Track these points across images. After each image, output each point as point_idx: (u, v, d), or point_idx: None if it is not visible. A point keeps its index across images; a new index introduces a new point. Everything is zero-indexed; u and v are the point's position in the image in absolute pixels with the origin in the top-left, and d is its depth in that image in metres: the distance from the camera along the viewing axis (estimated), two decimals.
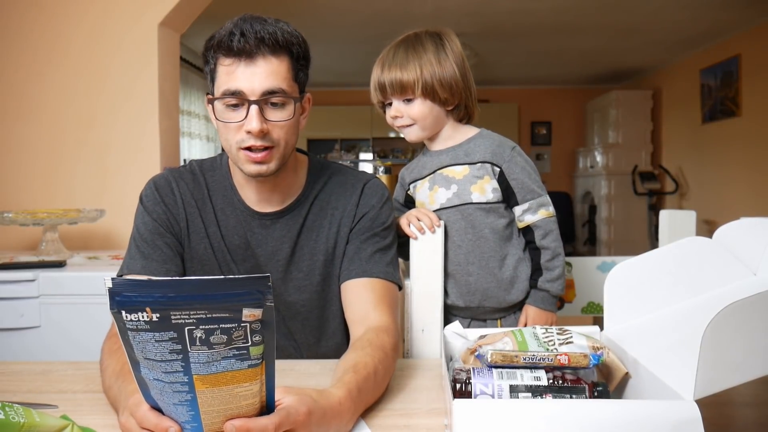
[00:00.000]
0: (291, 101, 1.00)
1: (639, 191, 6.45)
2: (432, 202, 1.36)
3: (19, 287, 1.83)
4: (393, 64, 1.30)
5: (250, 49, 0.96)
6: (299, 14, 4.64)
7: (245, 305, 0.59)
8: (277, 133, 1.01)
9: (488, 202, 1.32)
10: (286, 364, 1.07)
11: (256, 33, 0.96)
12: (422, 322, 1.21)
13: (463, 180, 1.33)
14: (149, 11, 2.38)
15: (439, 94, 1.29)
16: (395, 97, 1.31)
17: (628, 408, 0.63)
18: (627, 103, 6.69)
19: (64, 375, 1.02)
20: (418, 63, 1.28)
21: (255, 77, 0.97)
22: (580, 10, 4.50)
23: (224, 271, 1.11)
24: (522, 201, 1.32)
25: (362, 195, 1.14)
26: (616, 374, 0.80)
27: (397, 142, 8.34)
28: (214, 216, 1.12)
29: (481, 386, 0.73)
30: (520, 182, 1.32)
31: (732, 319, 0.62)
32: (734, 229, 0.86)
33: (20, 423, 0.63)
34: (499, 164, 1.32)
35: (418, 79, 1.27)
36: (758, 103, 4.89)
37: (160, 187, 1.13)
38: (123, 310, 0.57)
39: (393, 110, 1.33)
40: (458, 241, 1.33)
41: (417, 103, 1.30)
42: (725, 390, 0.64)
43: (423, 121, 1.32)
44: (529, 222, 1.33)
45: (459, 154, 1.35)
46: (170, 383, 0.62)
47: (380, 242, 1.11)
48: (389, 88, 1.30)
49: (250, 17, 0.99)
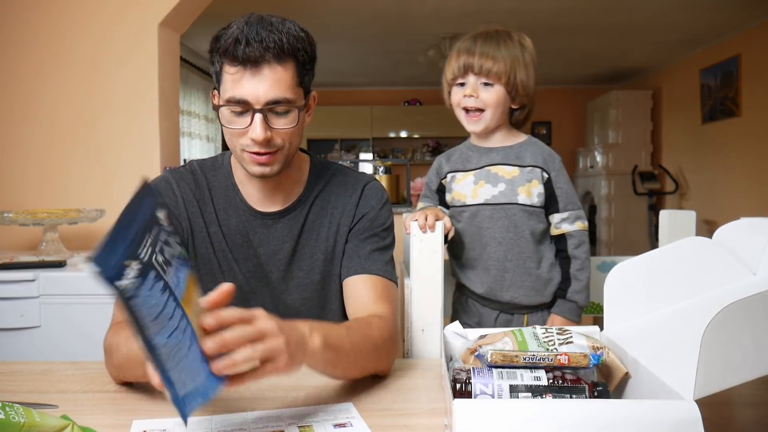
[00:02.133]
0: (295, 109, 1.00)
1: (639, 191, 6.45)
2: (475, 196, 1.38)
3: (19, 287, 1.83)
4: (485, 48, 1.32)
5: (255, 57, 0.96)
6: (299, 14, 4.63)
7: (157, 209, 0.64)
8: (281, 137, 1.01)
9: (532, 205, 1.36)
10: None
11: (261, 41, 0.95)
12: (422, 322, 1.21)
13: (512, 180, 1.37)
14: (149, 11, 2.38)
15: (518, 89, 1.33)
16: (477, 77, 1.33)
17: (628, 408, 0.63)
18: (627, 103, 6.69)
19: (64, 375, 1.02)
20: (509, 55, 1.32)
21: (260, 87, 0.97)
22: (580, 11, 4.50)
23: (225, 271, 1.11)
24: (563, 209, 1.38)
25: (362, 196, 1.14)
26: (616, 374, 0.80)
27: (397, 142, 8.34)
28: (215, 215, 1.12)
29: (481, 386, 0.74)
30: (565, 192, 1.38)
31: (732, 319, 0.62)
32: (734, 229, 0.86)
33: (20, 423, 0.63)
34: (548, 171, 1.38)
35: (506, 69, 1.31)
36: (758, 103, 4.89)
37: (161, 189, 1.12)
38: (116, 280, 0.58)
39: (469, 88, 1.34)
40: (499, 238, 1.37)
41: (495, 90, 1.33)
42: (725, 390, 0.64)
43: (495, 108, 1.34)
44: (566, 231, 1.39)
45: (510, 155, 1.39)
46: (180, 330, 0.63)
47: (379, 242, 1.12)
48: (476, 65, 1.32)
49: (257, 20, 0.98)
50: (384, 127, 8.15)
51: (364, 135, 8.13)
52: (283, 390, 0.93)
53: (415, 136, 8.20)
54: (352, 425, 0.80)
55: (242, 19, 0.99)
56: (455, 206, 1.43)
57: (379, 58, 6.30)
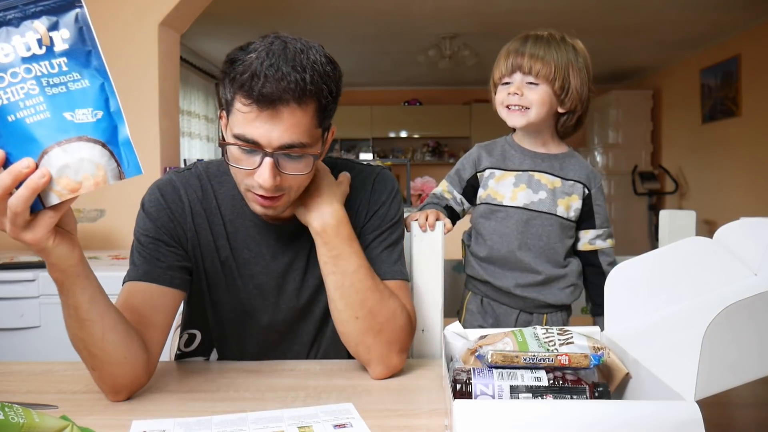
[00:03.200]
0: (310, 156, 0.91)
1: (639, 191, 6.45)
2: (514, 198, 1.37)
3: (19, 287, 1.83)
4: (535, 49, 1.31)
5: (274, 98, 0.85)
6: (299, 14, 4.64)
7: None
8: (289, 182, 0.93)
9: (567, 218, 1.37)
10: (288, 365, 1.07)
11: (282, 78, 0.84)
12: (422, 322, 1.21)
13: (553, 191, 1.36)
14: (149, 11, 2.38)
15: (567, 92, 1.32)
16: (524, 76, 1.32)
17: (629, 408, 0.63)
18: (627, 103, 6.70)
19: (64, 375, 1.02)
20: (559, 58, 1.31)
21: (274, 130, 0.87)
22: (581, 10, 4.51)
23: (230, 285, 1.07)
24: (599, 226, 1.40)
25: (372, 191, 1.10)
26: (616, 375, 0.80)
27: (397, 142, 8.35)
28: (223, 228, 1.05)
29: (481, 387, 0.73)
30: (602, 209, 1.40)
31: (733, 319, 0.62)
32: (734, 229, 0.86)
33: (20, 423, 0.63)
34: (590, 188, 1.38)
35: (554, 70, 1.30)
36: (758, 103, 4.89)
37: (166, 193, 1.04)
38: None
39: (514, 87, 1.32)
40: (530, 244, 1.36)
41: (540, 89, 1.31)
42: (726, 390, 0.64)
43: (540, 108, 1.32)
44: (600, 247, 1.40)
45: (554, 165, 1.38)
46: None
47: (387, 238, 1.09)
48: (525, 65, 1.31)
49: (279, 50, 0.87)
50: (384, 127, 8.15)
51: (364, 135, 8.13)
52: (282, 390, 0.93)
53: (415, 136, 8.20)
54: (352, 425, 0.80)
55: (262, 45, 0.87)
56: (489, 204, 1.40)
57: (379, 58, 6.31)
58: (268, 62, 0.85)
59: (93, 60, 0.71)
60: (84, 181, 0.70)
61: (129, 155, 0.72)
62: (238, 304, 1.08)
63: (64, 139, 0.69)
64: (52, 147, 0.69)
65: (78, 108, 0.70)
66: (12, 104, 0.68)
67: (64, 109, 0.69)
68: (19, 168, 0.68)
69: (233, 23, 4.78)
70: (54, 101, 0.69)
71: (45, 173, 0.68)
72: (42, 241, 0.73)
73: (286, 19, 4.76)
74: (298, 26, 4.96)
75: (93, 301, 0.83)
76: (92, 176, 0.70)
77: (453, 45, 5.51)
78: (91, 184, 0.70)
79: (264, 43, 0.88)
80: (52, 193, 0.69)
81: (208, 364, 1.10)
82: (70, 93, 0.70)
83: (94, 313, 0.84)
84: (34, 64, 0.69)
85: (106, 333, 0.85)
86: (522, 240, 1.36)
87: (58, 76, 0.69)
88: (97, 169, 0.70)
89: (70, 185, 0.69)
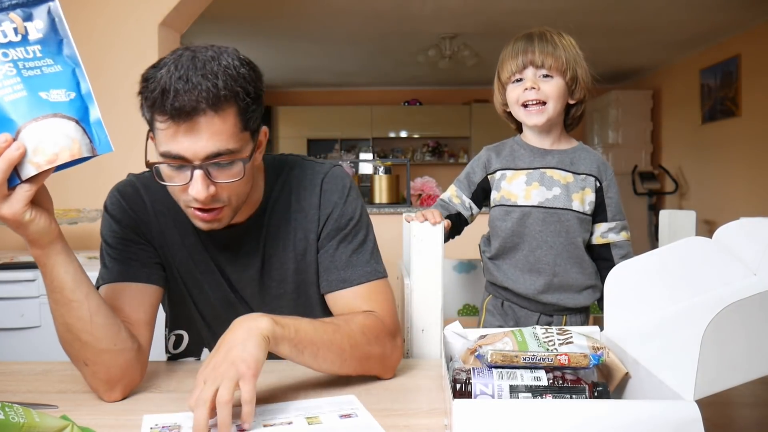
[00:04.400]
0: (239, 161, 0.89)
1: (639, 191, 6.45)
2: (528, 197, 1.36)
3: (19, 287, 1.83)
4: (543, 45, 1.32)
5: (188, 110, 0.83)
6: (299, 14, 4.64)
7: None
8: (226, 192, 0.90)
9: (584, 212, 1.36)
10: (287, 364, 1.06)
11: (193, 88, 0.82)
12: (422, 322, 1.21)
13: (567, 186, 1.35)
14: (149, 11, 2.38)
15: (578, 82, 1.34)
16: (537, 70, 1.32)
17: (629, 408, 0.63)
18: (627, 103, 6.69)
19: (64, 375, 1.02)
20: (567, 49, 1.33)
21: (197, 142, 0.84)
22: (581, 11, 4.50)
23: (208, 283, 1.06)
24: (611, 219, 1.39)
25: (322, 192, 1.05)
26: (616, 374, 0.80)
27: (397, 142, 8.34)
28: (191, 225, 1.00)
29: (481, 386, 0.73)
30: (615, 201, 1.39)
31: (732, 319, 0.62)
32: (734, 229, 0.86)
33: (20, 423, 0.63)
34: (601, 180, 1.37)
35: (566, 62, 1.31)
36: (758, 103, 4.89)
37: (126, 195, 1.04)
38: None
39: (529, 81, 1.32)
40: (550, 242, 1.35)
41: (555, 81, 1.32)
42: (725, 390, 0.64)
43: (556, 101, 1.33)
44: (612, 240, 1.39)
45: (565, 161, 1.38)
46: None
47: (352, 241, 1.04)
48: (537, 59, 1.31)
49: (188, 61, 0.84)
50: (384, 127, 8.14)
51: (364, 135, 8.13)
52: (282, 391, 0.93)
53: (415, 136, 8.20)
54: (357, 416, 0.81)
55: (171, 59, 0.86)
56: (504, 205, 1.38)
57: (379, 58, 6.30)
58: (176, 75, 0.83)
59: (65, 48, 0.78)
60: (60, 153, 0.75)
61: (100, 133, 0.78)
62: (220, 299, 1.07)
63: (40, 115, 0.74)
64: (29, 122, 0.74)
65: (52, 89, 0.76)
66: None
67: (39, 89, 0.75)
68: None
69: (233, 23, 4.78)
70: (30, 82, 0.75)
71: (20, 146, 0.72)
72: (19, 214, 0.76)
73: (286, 19, 4.76)
74: (298, 26, 4.96)
75: (76, 280, 0.85)
76: (68, 148, 0.75)
77: (453, 45, 5.50)
78: (66, 155, 0.75)
79: (173, 57, 0.87)
80: (29, 165, 0.74)
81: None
82: (44, 76, 0.76)
83: (79, 293, 0.85)
84: (10, 50, 0.75)
85: (93, 315, 0.86)
86: (542, 238, 1.35)
87: (33, 61, 0.76)
88: (73, 142, 0.75)
89: (47, 156, 0.74)
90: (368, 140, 8.19)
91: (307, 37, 5.31)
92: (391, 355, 0.99)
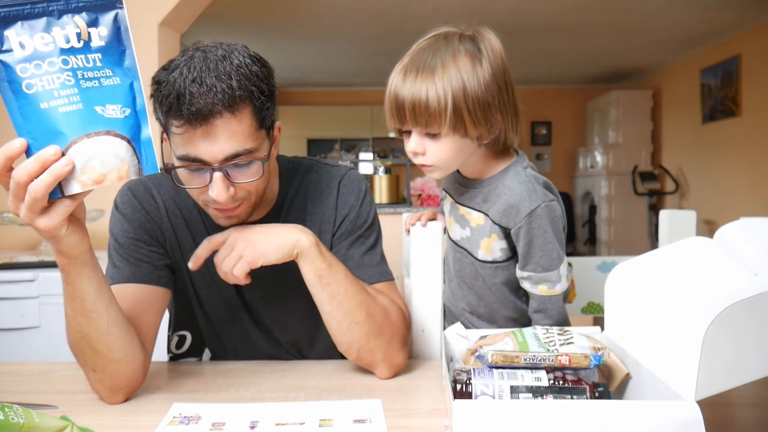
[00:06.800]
0: (258, 160, 0.89)
1: (639, 191, 6.45)
2: (450, 229, 1.20)
3: (19, 287, 1.83)
4: (417, 87, 0.99)
5: (205, 113, 0.82)
6: (299, 14, 4.64)
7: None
8: (245, 189, 0.91)
9: (494, 261, 1.11)
10: (287, 365, 1.07)
11: (208, 91, 0.82)
12: (422, 322, 1.21)
13: (476, 229, 1.12)
14: (149, 11, 2.38)
15: (471, 129, 0.99)
16: (417, 129, 1.02)
17: (630, 409, 0.63)
18: (627, 103, 6.69)
19: (64, 375, 1.02)
20: (451, 86, 0.97)
21: (215, 144, 0.84)
22: (581, 10, 4.50)
23: (216, 283, 1.05)
24: (523, 268, 1.08)
25: (339, 195, 1.07)
26: (617, 375, 0.80)
27: (397, 142, 8.33)
28: (203, 225, 1.03)
29: (481, 387, 0.73)
30: (528, 251, 1.06)
31: (733, 319, 0.62)
32: (734, 229, 0.86)
33: (20, 424, 0.63)
34: (508, 227, 1.07)
35: (450, 108, 0.96)
36: (758, 103, 4.89)
37: (139, 194, 1.03)
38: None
39: (413, 144, 1.03)
40: (469, 283, 1.18)
41: (445, 142, 1.01)
42: (726, 390, 0.64)
43: (450, 161, 1.04)
44: (528, 290, 1.10)
45: (477, 198, 1.11)
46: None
47: (365, 242, 1.07)
48: (409, 114, 1.01)
49: (200, 62, 0.84)
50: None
51: (364, 135, 8.12)
52: (282, 391, 0.93)
53: None
54: (371, 421, 0.81)
55: (183, 61, 0.85)
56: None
57: (379, 58, 6.30)
58: (190, 78, 0.82)
59: (126, 59, 0.74)
60: (108, 174, 0.72)
61: (149, 154, 0.75)
62: (228, 300, 1.07)
63: (93, 131, 0.71)
64: (81, 138, 0.71)
65: (109, 103, 0.72)
66: (46, 92, 0.70)
67: (95, 103, 0.72)
68: (46, 155, 0.69)
69: (233, 23, 4.78)
70: (87, 94, 0.72)
71: (69, 162, 0.70)
72: (56, 229, 0.74)
73: (285, 19, 4.76)
74: (298, 26, 4.96)
75: (99, 291, 0.84)
76: (117, 170, 0.72)
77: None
78: (114, 177, 0.72)
79: (184, 58, 0.85)
80: (75, 182, 0.71)
81: (207, 364, 1.10)
82: (102, 88, 0.72)
83: (100, 304, 0.84)
84: (71, 57, 0.71)
85: (111, 326, 0.86)
86: (461, 278, 1.19)
87: (92, 71, 0.72)
88: (122, 163, 0.72)
89: (94, 176, 0.71)
90: (368, 140, 8.19)
91: (307, 37, 5.31)
92: (396, 352, 1.00)
